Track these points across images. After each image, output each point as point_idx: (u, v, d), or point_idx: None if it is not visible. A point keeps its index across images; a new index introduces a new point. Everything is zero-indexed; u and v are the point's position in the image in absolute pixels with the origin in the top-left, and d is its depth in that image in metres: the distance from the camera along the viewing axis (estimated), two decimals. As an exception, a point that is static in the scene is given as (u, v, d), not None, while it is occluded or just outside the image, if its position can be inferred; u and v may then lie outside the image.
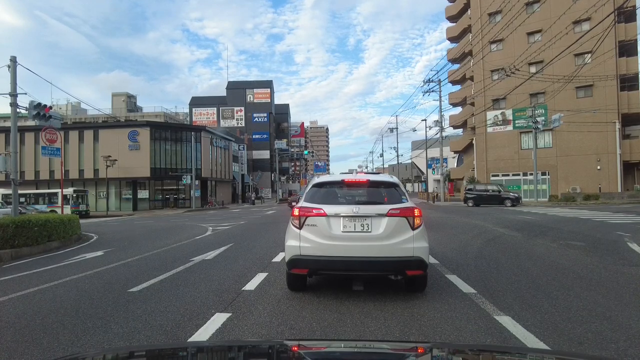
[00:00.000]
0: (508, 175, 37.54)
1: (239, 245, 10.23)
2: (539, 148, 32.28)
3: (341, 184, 5.26)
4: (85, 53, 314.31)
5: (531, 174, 32.67)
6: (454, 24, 45.66)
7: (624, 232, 11.31)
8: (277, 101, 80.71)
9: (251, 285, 5.69)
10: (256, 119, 70.31)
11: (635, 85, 33.36)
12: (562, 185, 34.37)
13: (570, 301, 4.69)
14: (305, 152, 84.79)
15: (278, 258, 7.81)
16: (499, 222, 15.25)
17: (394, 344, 2.65)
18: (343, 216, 4.73)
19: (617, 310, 4.33)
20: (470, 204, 29.93)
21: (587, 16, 24.99)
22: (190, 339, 3.66)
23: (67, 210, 27.30)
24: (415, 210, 4.81)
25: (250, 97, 70.90)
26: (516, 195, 29.28)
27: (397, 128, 53.35)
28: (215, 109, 70.69)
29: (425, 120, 50.96)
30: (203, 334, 3.78)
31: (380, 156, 67.00)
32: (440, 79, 35.44)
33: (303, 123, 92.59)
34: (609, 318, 4.08)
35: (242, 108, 70.59)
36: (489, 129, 38.07)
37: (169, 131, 42.16)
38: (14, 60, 12.08)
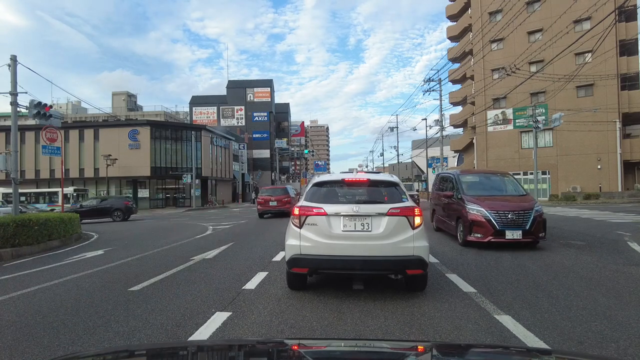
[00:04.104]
0: (508, 174, 37.49)
1: (239, 244, 10.24)
2: (539, 147, 32.21)
3: (341, 183, 5.26)
4: (87, 52, 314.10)
5: (531, 173, 32.61)
6: (455, 23, 45.60)
7: (624, 231, 11.30)
8: (277, 100, 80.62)
9: (251, 284, 5.70)
10: (256, 118, 70.24)
11: (636, 84, 33.31)
12: (562, 184, 34.36)
13: (571, 300, 4.70)
14: (306, 151, 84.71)
15: (278, 257, 7.82)
16: (499, 221, 15.21)
17: (394, 343, 2.65)
18: (343, 215, 4.74)
19: (617, 310, 4.33)
20: None
21: (588, 15, 24.97)
22: (190, 338, 3.67)
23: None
24: (416, 209, 4.81)
25: (250, 96, 70.80)
26: None
27: (397, 127, 53.27)
28: (216, 108, 70.60)
29: (426, 119, 50.86)
30: (203, 333, 3.79)
31: (381, 155, 66.64)
32: (440, 78, 35.31)
33: (303, 122, 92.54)
34: (609, 317, 4.08)
35: (243, 107, 70.50)
36: (490, 128, 38.04)
37: (169, 130, 42.13)
38: (14, 59, 12.07)
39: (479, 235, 8.52)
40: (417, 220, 4.75)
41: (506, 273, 6.24)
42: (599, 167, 33.48)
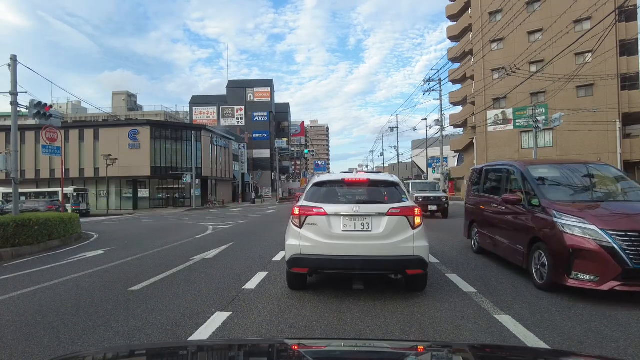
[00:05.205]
0: (508, 174, 37.42)
1: (239, 244, 10.24)
2: (539, 147, 32.19)
3: (341, 183, 5.26)
4: (88, 53, 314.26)
5: (531, 173, 32.54)
6: (455, 23, 45.59)
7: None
8: (277, 100, 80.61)
9: (251, 284, 5.70)
10: (256, 117, 70.25)
11: (636, 84, 33.29)
12: (562, 184, 34.32)
13: (570, 300, 4.69)
14: (306, 151, 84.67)
15: (278, 257, 7.82)
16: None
17: (394, 343, 2.65)
18: (343, 215, 4.74)
19: (617, 310, 4.33)
20: None
21: (588, 15, 24.97)
22: (190, 338, 3.67)
23: (68, 208, 27.31)
24: (416, 209, 4.81)
25: (250, 96, 70.81)
26: None
27: (397, 127, 53.25)
28: (216, 107, 70.61)
29: (426, 119, 50.68)
30: (203, 333, 3.79)
31: (381, 155, 66.59)
32: (440, 78, 35.35)
33: (303, 122, 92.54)
34: (609, 317, 4.08)
35: (243, 107, 70.51)
36: (490, 128, 38.03)
37: (170, 130, 42.14)
38: (14, 59, 12.07)
39: (588, 278, 4.62)
40: (417, 220, 4.75)
41: (506, 273, 6.24)
42: (599, 167, 33.43)
